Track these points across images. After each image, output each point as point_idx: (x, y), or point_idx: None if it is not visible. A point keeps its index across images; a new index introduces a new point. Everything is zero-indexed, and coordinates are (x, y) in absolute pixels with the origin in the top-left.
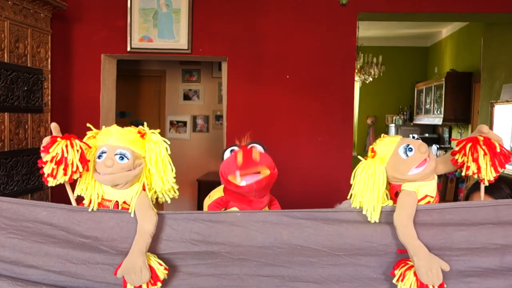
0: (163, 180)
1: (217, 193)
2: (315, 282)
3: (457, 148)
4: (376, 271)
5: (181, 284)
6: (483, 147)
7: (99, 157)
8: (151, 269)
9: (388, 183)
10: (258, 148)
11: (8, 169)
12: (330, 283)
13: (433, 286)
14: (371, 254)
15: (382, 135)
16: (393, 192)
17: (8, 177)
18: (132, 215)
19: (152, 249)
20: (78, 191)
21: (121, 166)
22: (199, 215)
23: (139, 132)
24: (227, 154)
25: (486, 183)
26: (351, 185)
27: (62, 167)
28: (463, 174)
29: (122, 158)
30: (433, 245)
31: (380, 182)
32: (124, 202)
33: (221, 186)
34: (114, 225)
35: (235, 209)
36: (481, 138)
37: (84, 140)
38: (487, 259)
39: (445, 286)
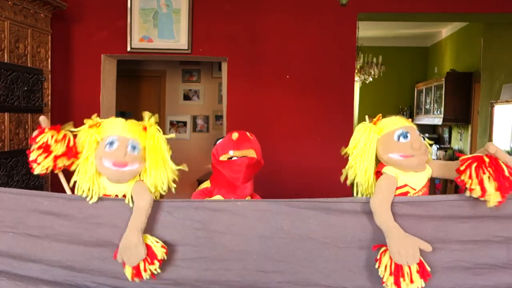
0: (162, 171)
1: (203, 186)
2: (316, 278)
3: (462, 167)
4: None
5: (182, 278)
6: (489, 169)
7: (109, 145)
8: (148, 247)
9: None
10: None
11: (8, 169)
12: (333, 277)
13: (409, 267)
14: (372, 245)
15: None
16: (377, 170)
17: (8, 177)
18: (130, 204)
19: (154, 235)
20: (80, 190)
21: (133, 156)
22: (200, 203)
23: (141, 124)
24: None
25: (491, 205)
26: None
27: (44, 153)
28: (467, 194)
29: (133, 148)
30: (435, 237)
31: (369, 147)
32: (124, 196)
33: (208, 181)
34: (115, 212)
35: (218, 197)
36: (487, 159)
37: (86, 127)
38: (493, 253)
39: (427, 268)
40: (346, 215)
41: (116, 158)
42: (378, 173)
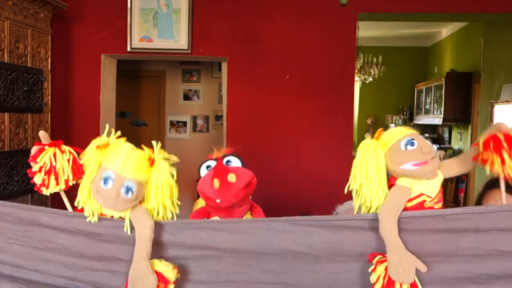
0: (164, 205)
1: (201, 202)
2: (320, 287)
3: (481, 146)
4: None
5: None
6: (505, 144)
7: (104, 182)
8: (158, 274)
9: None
10: (234, 162)
11: (8, 169)
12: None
13: (401, 285)
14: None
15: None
16: (390, 183)
17: (8, 177)
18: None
19: (155, 256)
20: (79, 203)
21: (124, 200)
22: (201, 223)
23: (149, 159)
24: (203, 171)
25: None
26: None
27: (53, 176)
28: (488, 173)
29: (127, 191)
30: (437, 251)
31: (374, 165)
32: (120, 217)
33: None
34: (115, 232)
35: (216, 218)
36: (501, 136)
37: (93, 148)
38: (493, 265)
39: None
40: (349, 231)
41: (107, 199)
42: (391, 186)
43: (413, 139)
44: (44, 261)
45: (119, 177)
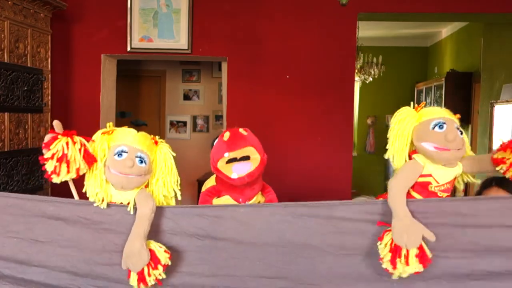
0: (167, 184)
1: (210, 183)
2: (319, 284)
3: (501, 151)
4: (380, 270)
5: (184, 284)
6: None
7: (118, 155)
8: (151, 252)
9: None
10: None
11: (8, 169)
12: (334, 284)
13: (407, 250)
14: (374, 252)
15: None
16: (410, 153)
17: (8, 177)
18: (131, 212)
19: (157, 242)
20: (89, 194)
21: (139, 169)
22: (203, 209)
23: (153, 139)
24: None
25: None
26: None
27: (64, 164)
28: (507, 176)
29: (141, 161)
30: (437, 245)
31: (402, 130)
32: (128, 204)
33: (214, 175)
34: (120, 218)
35: (227, 197)
36: None
37: (99, 134)
38: (491, 262)
39: (429, 255)
40: (347, 223)
41: (123, 169)
42: (410, 157)
43: (444, 123)
44: (45, 255)
45: (132, 148)
